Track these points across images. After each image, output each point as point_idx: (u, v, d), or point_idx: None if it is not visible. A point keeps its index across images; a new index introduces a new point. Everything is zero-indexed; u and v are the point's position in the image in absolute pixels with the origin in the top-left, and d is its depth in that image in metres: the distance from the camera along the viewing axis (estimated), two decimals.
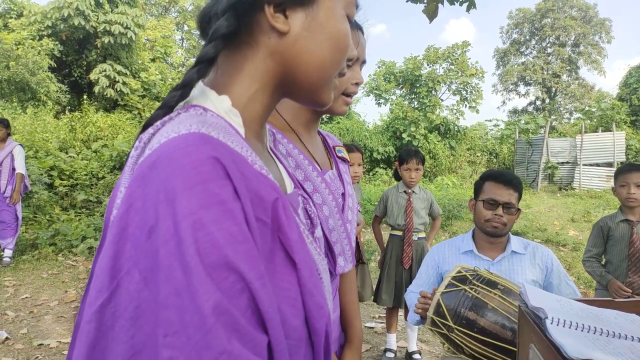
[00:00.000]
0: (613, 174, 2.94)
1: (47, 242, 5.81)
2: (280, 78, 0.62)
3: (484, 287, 1.56)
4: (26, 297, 4.25)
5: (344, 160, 1.25)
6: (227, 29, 0.56)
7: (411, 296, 1.98)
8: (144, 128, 0.56)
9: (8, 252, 5.25)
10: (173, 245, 0.41)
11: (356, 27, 1.09)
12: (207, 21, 0.61)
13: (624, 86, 20.29)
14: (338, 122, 15.70)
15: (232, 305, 0.42)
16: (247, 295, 0.44)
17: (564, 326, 0.89)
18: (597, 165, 14.17)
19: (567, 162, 14.45)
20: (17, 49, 12.41)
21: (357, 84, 1.08)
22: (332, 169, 1.16)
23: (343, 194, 1.15)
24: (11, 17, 14.37)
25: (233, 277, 0.42)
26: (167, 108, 0.57)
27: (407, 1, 3.32)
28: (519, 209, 1.92)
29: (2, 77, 11.54)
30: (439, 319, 1.59)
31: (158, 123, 0.53)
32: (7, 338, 3.36)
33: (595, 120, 16.64)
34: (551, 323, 0.89)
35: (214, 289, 0.41)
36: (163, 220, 0.42)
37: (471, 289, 1.57)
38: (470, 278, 1.61)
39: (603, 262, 2.92)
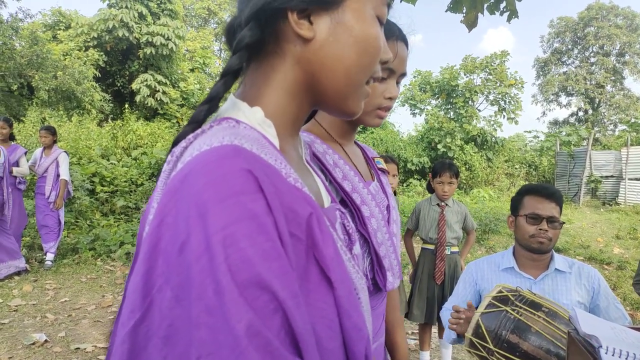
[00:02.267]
0: None
1: (87, 247, 5.99)
2: (308, 86, 0.60)
3: (527, 308, 1.48)
4: (65, 301, 4.37)
5: (383, 171, 1.22)
6: (250, 38, 0.55)
7: (447, 314, 1.90)
8: (175, 144, 0.55)
9: (50, 256, 5.43)
10: (205, 262, 0.39)
11: (398, 38, 1.03)
12: (232, 33, 0.60)
13: None
14: (372, 132, 15.64)
15: (265, 326, 0.40)
16: (281, 315, 0.41)
17: (619, 357, 0.83)
18: None
19: (612, 176, 13.86)
20: (65, 59, 13.00)
21: (390, 99, 1.03)
22: (374, 181, 1.12)
23: (387, 206, 1.11)
24: (60, 29, 15.07)
25: (266, 296, 0.40)
26: (195, 123, 0.56)
27: (446, 11, 3.27)
28: (562, 223, 1.83)
29: (50, 86, 12.08)
30: (478, 340, 1.52)
31: (190, 136, 0.52)
32: (46, 340, 3.46)
33: None
34: (606, 353, 0.83)
35: (247, 309, 0.39)
36: (194, 235, 0.40)
37: (513, 310, 1.50)
38: (512, 299, 1.53)
39: None
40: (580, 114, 33.40)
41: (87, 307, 4.25)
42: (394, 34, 1.02)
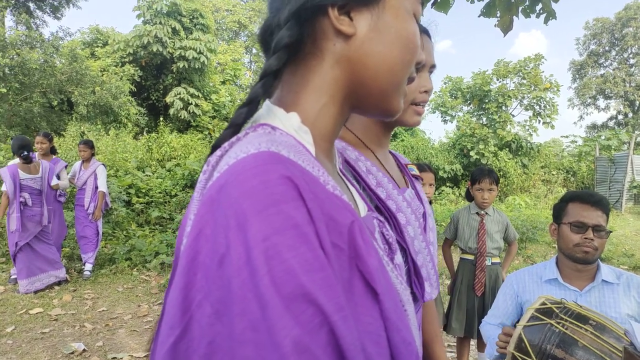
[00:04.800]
0: None
1: (124, 257, 6.12)
2: (349, 87, 0.58)
3: (573, 321, 1.41)
4: (103, 310, 4.47)
5: (417, 178, 1.19)
6: (290, 38, 0.53)
7: (487, 328, 1.83)
8: (213, 150, 0.53)
9: (88, 266, 5.57)
10: (246, 276, 0.38)
11: (422, 31, 1.03)
12: (269, 34, 0.58)
13: None
14: (402, 140, 15.50)
15: (313, 341, 0.38)
16: (327, 330, 0.39)
17: None
18: None
19: None
20: (102, 75, 13.47)
21: (426, 92, 1.01)
22: (408, 188, 1.09)
23: (423, 214, 1.08)
24: (98, 46, 15.65)
25: (311, 310, 0.38)
26: (235, 127, 0.55)
27: (479, 16, 3.21)
28: (609, 232, 1.74)
29: (89, 101, 12.52)
30: (520, 355, 1.45)
31: (226, 144, 0.51)
32: (84, 350, 3.53)
33: None
34: None
35: (293, 324, 0.37)
36: (234, 248, 0.39)
37: (558, 323, 1.42)
38: (557, 311, 1.46)
39: None
40: (620, 117, 32.27)
41: (123, 316, 4.33)
42: (418, 22, 1.01)
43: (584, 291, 1.72)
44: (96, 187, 5.60)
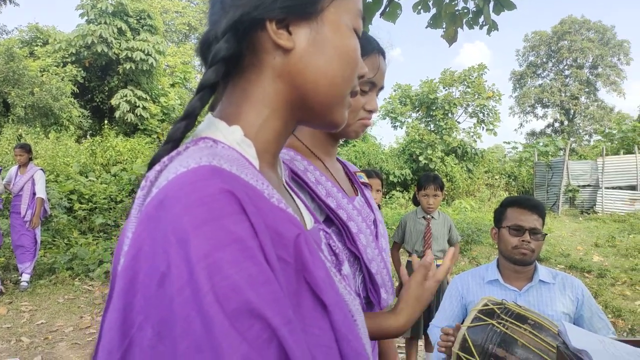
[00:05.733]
0: (637, 197, 2.80)
1: (65, 267, 5.83)
2: (291, 100, 0.58)
3: (513, 321, 1.48)
4: (42, 323, 4.24)
5: (365, 185, 1.21)
6: (227, 51, 0.52)
7: (435, 331, 1.89)
8: (150, 167, 0.51)
9: (26, 277, 5.28)
10: (189, 294, 0.36)
11: (378, 51, 1.04)
12: (207, 47, 0.57)
13: None
14: (354, 145, 15.72)
15: (262, 357, 0.37)
16: (276, 345, 0.38)
17: None
18: (620, 188, 13.85)
19: (589, 185, 14.16)
20: (42, 75, 12.81)
21: (370, 112, 1.02)
22: (358, 196, 1.10)
23: (374, 221, 1.09)
24: (37, 45, 14.88)
25: (259, 325, 0.37)
26: (173, 142, 0.53)
27: (426, 27, 3.33)
28: (544, 235, 1.84)
29: (27, 102, 11.87)
30: (465, 355, 1.51)
31: (165, 159, 0.49)
32: None
33: (616, 142, 16.33)
34: None
35: (240, 341, 0.36)
36: (175, 266, 0.37)
37: (499, 323, 1.49)
38: (498, 312, 1.53)
39: None
40: (557, 125, 34.23)
41: (64, 329, 4.12)
42: (374, 47, 1.02)
43: (523, 291, 1.81)
44: (34, 194, 5.32)
